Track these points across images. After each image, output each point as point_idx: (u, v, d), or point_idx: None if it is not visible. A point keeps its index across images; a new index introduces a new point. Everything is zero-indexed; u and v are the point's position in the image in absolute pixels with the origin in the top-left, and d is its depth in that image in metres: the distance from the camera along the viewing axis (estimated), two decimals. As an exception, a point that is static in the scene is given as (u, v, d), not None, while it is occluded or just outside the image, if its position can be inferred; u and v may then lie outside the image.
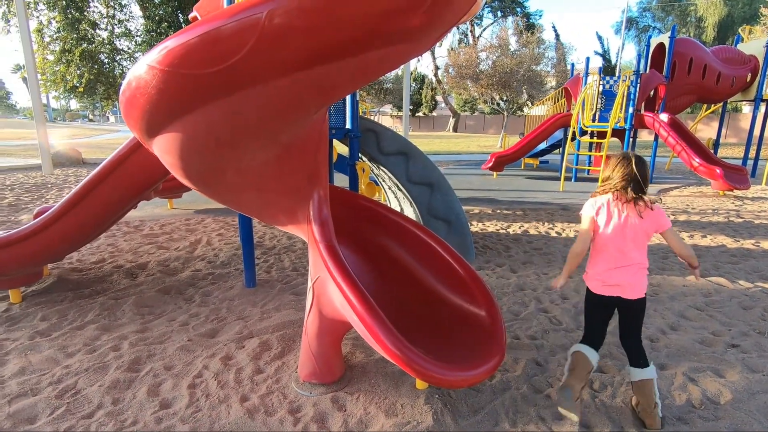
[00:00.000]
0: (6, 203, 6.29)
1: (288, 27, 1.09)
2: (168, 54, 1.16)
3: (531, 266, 3.80)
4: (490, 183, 8.87)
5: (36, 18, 13.43)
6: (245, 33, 1.09)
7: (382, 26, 1.19)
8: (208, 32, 1.12)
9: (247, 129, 1.40)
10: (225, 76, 1.18)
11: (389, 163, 3.67)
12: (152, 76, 1.21)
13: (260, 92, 1.25)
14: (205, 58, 1.14)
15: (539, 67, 21.62)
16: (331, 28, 1.12)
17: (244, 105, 1.29)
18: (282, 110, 1.35)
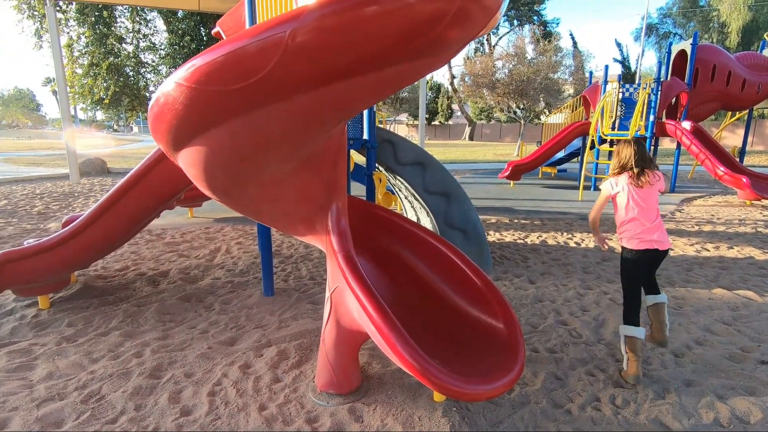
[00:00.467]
0: (36, 211, 6.53)
1: (310, 45, 1.13)
2: (195, 71, 1.21)
3: (549, 277, 3.75)
4: (507, 192, 8.80)
5: (66, 33, 14.01)
6: (269, 51, 1.13)
7: (402, 42, 1.21)
8: (233, 51, 1.16)
9: (269, 143, 1.43)
10: (249, 92, 1.22)
11: (406, 173, 3.69)
12: (180, 92, 1.25)
13: (283, 108, 1.29)
14: (230, 75, 1.18)
15: (556, 75, 21.45)
16: (352, 46, 1.15)
17: (266, 120, 1.33)
18: (303, 125, 1.38)
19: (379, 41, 1.16)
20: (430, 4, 1.17)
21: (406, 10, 1.15)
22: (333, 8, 1.07)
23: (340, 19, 1.09)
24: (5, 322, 2.85)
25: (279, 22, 1.12)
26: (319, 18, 1.08)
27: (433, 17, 1.20)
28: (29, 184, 9.61)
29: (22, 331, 2.73)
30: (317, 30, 1.11)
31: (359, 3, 1.08)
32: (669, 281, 3.67)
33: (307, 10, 1.11)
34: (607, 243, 2.59)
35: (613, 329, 2.77)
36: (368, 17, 1.09)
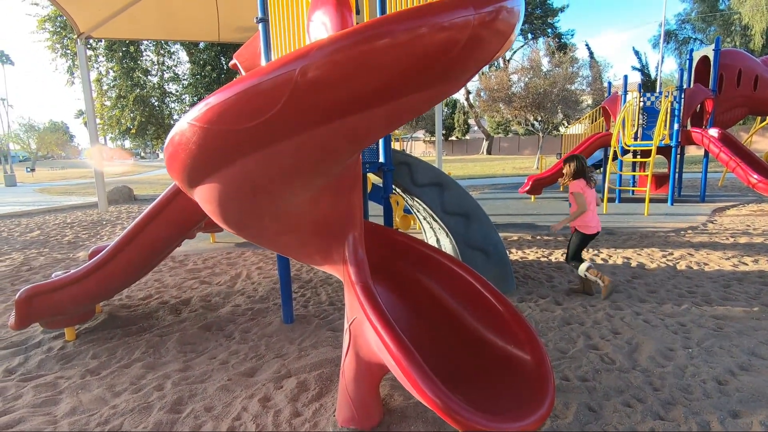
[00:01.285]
0: (66, 241, 6.75)
1: (320, 81, 1.12)
2: (207, 112, 1.21)
3: (576, 297, 3.60)
4: (528, 207, 8.64)
5: (96, 69, 14.74)
6: (279, 89, 1.12)
7: (414, 73, 1.19)
8: (244, 90, 1.16)
9: (282, 177, 1.42)
10: (261, 130, 1.21)
11: (423, 195, 3.65)
12: (193, 132, 1.26)
13: (295, 143, 1.28)
14: (242, 114, 1.18)
15: (574, 86, 21.27)
16: (362, 80, 1.13)
17: (280, 155, 1.32)
18: (317, 158, 1.37)
19: (390, 74, 1.14)
20: (440, 34, 1.15)
21: (417, 42, 1.13)
22: (342, 44, 1.06)
23: (349, 54, 1.08)
24: (33, 354, 2.90)
25: (288, 60, 1.11)
26: (328, 54, 1.07)
27: (445, 46, 1.18)
28: (61, 214, 9.99)
29: (48, 363, 2.77)
30: (326, 66, 1.10)
31: (368, 38, 1.07)
32: (706, 299, 3.48)
33: (316, 47, 1.10)
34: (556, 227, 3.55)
35: (649, 354, 2.62)
36: (378, 51, 1.07)
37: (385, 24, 1.07)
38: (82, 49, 9.10)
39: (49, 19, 13.94)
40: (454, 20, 1.15)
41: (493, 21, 1.27)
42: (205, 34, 10.76)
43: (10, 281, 4.59)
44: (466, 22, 1.18)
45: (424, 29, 1.09)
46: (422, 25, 1.11)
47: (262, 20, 2.82)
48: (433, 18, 1.13)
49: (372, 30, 1.06)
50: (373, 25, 1.06)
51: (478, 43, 1.26)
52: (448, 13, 1.15)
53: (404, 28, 1.09)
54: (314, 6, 1.90)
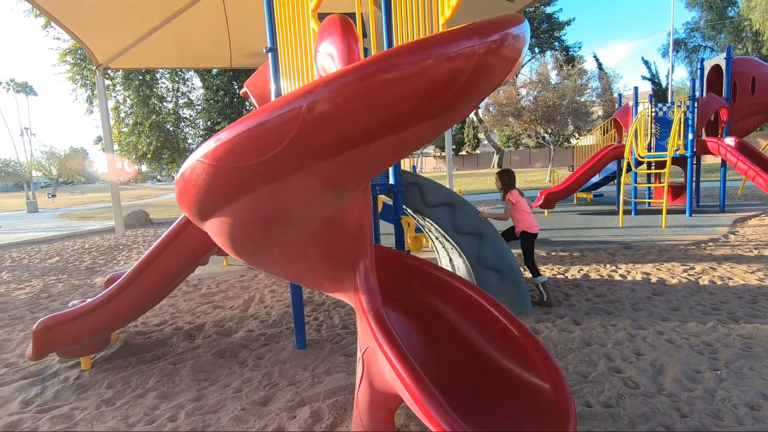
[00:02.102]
0: (84, 267, 6.87)
1: (327, 116, 1.12)
2: (216, 149, 1.22)
3: (596, 316, 3.50)
4: (542, 222, 8.51)
5: (114, 97, 15.25)
6: (287, 125, 1.13)
7: (421, 104, 1.19)
8: (252, 127, 1.17)
9: (290, 210, 1.42)
10: (269, 165, 1.22)
11: (435, 215, 3.62)
12: (203, 169, 1.27)
13: (303, 177, 1.28)
14: (249, 151, 1.19)
15: (583, 98, 21.22)
16: (370, 113, 1.13)
17: (288, 189, 1.32)
18: (324, 190, 1.37)
19: (397, 107, 1.14)
20: (446, 64, 1.15)
21: (423, 73, 1.13)
22: (347, 79, 1.07)
23: (356, 89, 1.09)
24: (50, 384, 2.91)
25: (295, 97, 1.12)
26: (335, 90, 1.08)
27: (452, 76, 1.18)
28: (79, 239, 10.20)
29: (65, 394, 2.78)
30: (333, 102, 1.11)
31: (374, 72, 1.07)
32: (732, 316, 3.35)
33: (322, 83, 1.11)
34: (484, 214, 3.75)
35: (674, 376, 2.52)
36: (384, 85, 1.08)
37: (390, 57, 1.07)
38: (100, 79, 9.43)
39: (70, 51, 14.55)
40: (460, 50, 1.16)
41: (498, 48, 1.27)
42: (218, 61, 11.07)
43: (29, 309, 4.66)
44: (472, 51, 1.18)
45: (430, 61, 1.09)
46: (428, 56, 1.11)
47: (271, 49, 2.89)
48: (439, 49, 1.13)
49: (378, 64, 1.07)
50: (379, 59, 1.07)
51: (484, 71, 1.26)
52: (454, 44, 1.15)
53: (410, 61, 1.09)
54: (321, 36, 1.93)
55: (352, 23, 1.82)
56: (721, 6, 30.43)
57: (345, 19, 1.81)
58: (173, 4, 7.98)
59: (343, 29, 1.78)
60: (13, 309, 4.72)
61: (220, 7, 8.35)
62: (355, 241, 1.81)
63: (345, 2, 4.63)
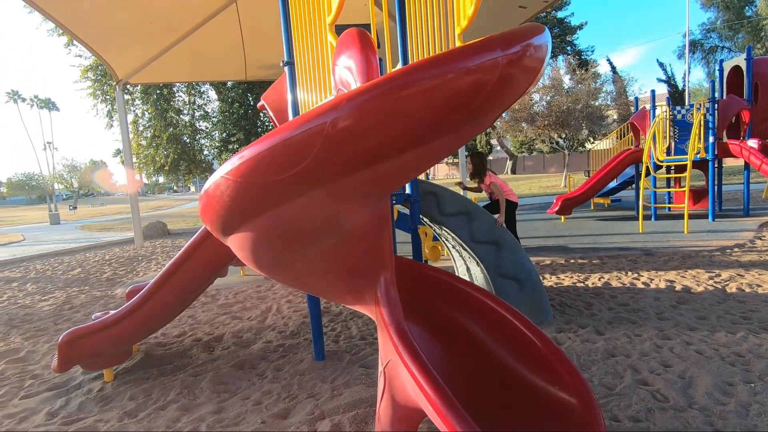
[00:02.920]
0: (105, 278, 7.00)
1: (351, 131, 1.12)
2: (240, 166, 1.23)
3: (619, 326, 3.42)
4: (558, 228, 8.40)
5: (133, 111, 15.65)
6: (311, 141, 1.14)
7: (444, 117, 1.18)
8: (277, 144, 1.17)
9: (313, 225, 1.43)
10: (293, 181, 1.22)
11: (451, 224, 3.60)
12: (226, 186, 1.28)
13: (326, 192, 1.28)
14: (272, 167, 1.20)
15: (597, 102, 20.98)
16: (393, 128, 1.13)
17: (311, 204, 1.32)
18: (347, 205, 1.36)
19: (420, 121, 1.13)
20: (469, 77, 1.15)
21: (446, 87, 1.13)
22: (371, 94, 1.07)
23: (379, 104, 1.09)
24: (74, 396, 2.96)
25: (320, 113, 1.12)
26: (359, 105, 1.08)
27: (475, 89, 1.17)
28: (100, 251, 10.41)
29: (88, 406, 2.81)
30: (357, 117, 1.11)
31: (396, 87, 1.07)
32: (763, 325, 3.23)
33: (346, 99, 1.11)
34: None
35: (705, 389, 2.43)
36: (407, 99, 1.07)
37: (413, 72, 1.07)
38: (120, 94, 9.68)
39: (91, 68, 15.01)
40: (483, 63, 1.15)
41: (521, 59, 1.26)
42: (233, 74, 11.28)
43: (53, 321, 4.75)
44: (495, 63, 1.18)
45: (452, 75, 1.08)
46: (452, 70, 1.10)
47: (288, 63, 2.92)
48: (463, 62, 1.13)
49: (402, 79, 1.07)
50: (403, 74, 1.07)
51: (507, 82, 1.25)
52: (477, 56, 1.15)
53: (433, 75, 1.09)
54: (339, 50, 1.95)
55: (370, 37, 1.83)
56: (738, 6, 29.88)
57: (363, 32, 1.82)
58: (190, 20, 8.18)
59: (361, 43, 1.79)
60: (37, 320, 4.83)
61: (235, 21, 8.53)
62: (376, 254, 1.80)
63: (358, 14, 4.67)
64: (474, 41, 1.17)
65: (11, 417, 2.74)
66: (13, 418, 2.73)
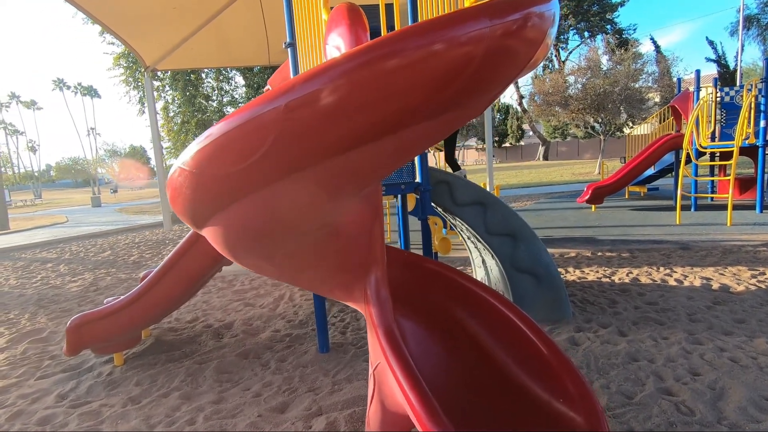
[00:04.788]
0: (131, 261, 7.22)
1: (308, 117, 0.98)
2: (195, 156, 1.12)
3: (645, 327, 3.16)
4: (588, 218, 8.00)
5: (163, 98, 16.02)
6: (265, 129, 1.01)
7: (416, 102, 1.02)
8: (229, 131, 1.05)
9: (286, 218, 1.30)
10: (251, 172, 1.10)
11: (465, 215, 3.41)
12: (185, 177, 1.18)
13: (292, 183, 1.15)
14: (228, 158, 1.08)
15: (638, 83, 19.77)
16: (355, 113, 0.98)
17: (277, 196, 1.20)
18: (317, 198, 1.23)
19: (389, 104, 0.98)
20: (449, 52, 0.98)
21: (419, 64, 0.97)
22: (326, 77, 0.92)
23: (338, 85, 0.94)
24: (85, 379, 3.02)
25: (272, 97, 0.99)
26: (314, 90, 0.94)
27: (455, 66, 1.00)
28: (131, 234, 10.80)
29: (96, 389, 2.86)
30: (313, 101, 0.97)
31: (355, 67, 0.92)
32: (811, 332, 2.90)
33: (301, 80, 0.97)
34: None
35: (738, 403, 2.19)
36: (366, 82, 0.92)
37: (375, 49, 0.91)
38: (148, 81, 9.86)
39: (123, 55, 15.41)
40: (464, 35, 0.98)
41: (518, 30, 1.08)
42: (257, 59, 11.25)
43: (78, 302, 4.92)
44: (481, 35, 1.00)
45: (422, 50, 0.92)
46: (422, 44, 0.94)
47: (290, 45, 2.79)
48: (437, 35, 0.96)
49: (361, 57, 0.91)
50: (362, 52, 0.91)
51: (497, 58, 1.08)
52: (456, 27, 0.98)
53: (399, 50, 0.93)
54: (329, 27, 1.80)
55: (360, 12, 1.67)
56: (803, -25, 27.24)
57: (353, 8, 1.66)
58: (212, 4, 8.15)
59: (350, 19, 1.63)
60: (64, 301, 5.01)
61: (257, 5, 8.43)
62: (365, 249, 1.67)
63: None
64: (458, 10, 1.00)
65: (25, 397, 2.83)
66: (26, 399, 2.81)
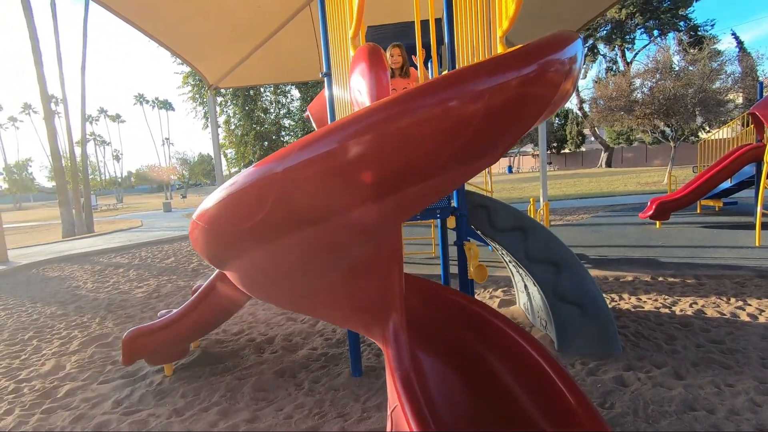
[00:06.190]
0: (191, 268, 7.72)
1: (306, 182, 1.00)
2: (207, 213, 1.18)
3: (707, 371, 2.85)
4: (651, 235, 7.39)
5: (225, 113, 17.12)
6: (265, 191, 1.04)
7: (415, 164, 1.01)
8: (233, 193, 1.10)
9: (295, 266, 1.34)
10: (258, 229, 1.14)
11: (504, 240, 3.29)
12: (199, 230, 1.24)
13: (297, 239, 1.18)
14: (234, 217, 1.13)
15: (716, 84, 18.05)
16: (351, 180, 0.99)
17: (286, 249, 1.23)
18: (323, 251, 1.25)
19: (381, 173, 0.97)
20: (443, 117, 0.96)
21: (411, 129, 0.95)
22: (317, 148, 0.93)
23: (330, 155, 0.95)
24: (138, 387, 3.26)
25: (271, 160, 1.02)
26: (309, 160, 0.95)
27: (452, 127, 0.98)
28: (193, 240, 11.56)
29: (147, 398, 3.09)
30: (310, 167, 0.98)
31: (350, 135, 0.92)
32: None
33: (298, 147, 0.99)
34: None
35: (815, 474, 1.91)
36: (356, 159, 0.92)
37: (361, 120, 0.91)
38: (211, 98, 10.56)
39: (190, 74, 16.70)
40: (459, 95, 0.95)
41: (525, 84, 1.04)
42: (310, 74, 11.68)
43: (141, 308, 5.35)
44: (479, 94, 0.97)
45: (412, 117, 0.90)
46: (412, 108, 0.92)
47: (326, 75, 2.86)
48: (431, 97, 0.94)
49: (351, 127, 0.91)
50: (353, 121, 0.91)
51: (499, 114, 1.04)
52: (451, 88, 0.95)
53: (394, 121, 0.92)
54: (352, 67, 1.82)
55: (381, 53, 1.67)
56: None
57: (373, 50, 1.67)
58: (268, 25, 8.60)
59: (370, 61, 1.64)
60: (129, 307, 5.47)
61: (309, 23, 8.77)
62: (382, 292, 1.66)
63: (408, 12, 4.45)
64: (448, 73, 0.97)
65: (87, 401, 3.11)
66: (88, 402, 3.09)
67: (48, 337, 4.54)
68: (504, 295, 4.75)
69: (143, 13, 6.95)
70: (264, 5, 7.79)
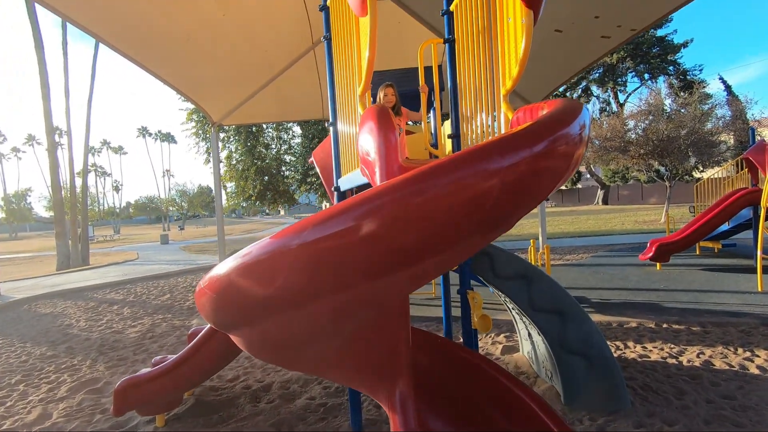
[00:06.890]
0: (186, 306, 7.58)
1: (317, 260, 0.99)
2: (215, 282, 1.17)
3: (720, 429, 2.75)
4: (652, 278, 7.35)
5: (227, 148, 17.40)
6: (276, 268, 1.03)
7: (430, 241, 1.00)
8: (246, 264, 1.09)
9: (302, 336, 1.30)
10: (267, 302, 1.12)
11: (507, 289, 3.26)
12: (207, 298, 1.22)
13: (307, 312, 1.16)
14: (242, 291, 1.11)
15: (707, 126, 18.53)
16: (365, 257, 0.98)
17: (291, 322, 1.21)
18: (334, 323, 1.23)
19: (388, 254, 0.97)
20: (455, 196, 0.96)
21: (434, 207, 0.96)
22: (329, 228, 0.94)
23: (345, 233, 0.95)
24: (128, 440, 3.12)
25: (286, 234, 1.02)
26: (318, 240, 0.95)
27: (468, 206, 0.98)
28: (190, 276, 11.42)
29: (136, 453, 2.94)
30: (325, 242, 0.98)
31: (361, 215, 0.92)
32: None
33: (312, 223, 0.99)
34: None
35: None
36: (365, 239, 0.92)
37: (379, 197, 0.92)
38: (214, 135, 10.75)
39: (195, 111, 17.09)
40: (473, 174, 0.96)
41: (537, 159, 1.05)
42: (312, 113, 11.98)
43: (133, 350, 5.20)
44: (495, 171, 0.98)
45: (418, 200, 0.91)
46: (421, 191, 0.93)
47: (332, 124, 2.92)
48: (446, 177, 0.95)
49: (358, 210, 0.92)
50: (359, 204, 0.92)
51: (518, 190, 1.05)
52: (463, 169, 0.96)
53: (408, 194, 0.93)
54: (361, 126, 1.86)
55: (389, 115, 1.71)
56: None
57: (381, 112, 1.71)
58: (273, 67, 8.88)
59: (379, 123, 1.68)
60: (122, 348, 5.32)
61: (312, 66, 9.07)
62: (389, 357, 1.62)
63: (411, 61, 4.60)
64: (460, 152, 0.99)
65: (73, 455, 2.96)
66: (73, 457, 2.94)
67: (36, 381, 4.39)
68: (507, 341, 4.65)
69: (153, 56, 7.21)
70: (270, 50, 8.07)
